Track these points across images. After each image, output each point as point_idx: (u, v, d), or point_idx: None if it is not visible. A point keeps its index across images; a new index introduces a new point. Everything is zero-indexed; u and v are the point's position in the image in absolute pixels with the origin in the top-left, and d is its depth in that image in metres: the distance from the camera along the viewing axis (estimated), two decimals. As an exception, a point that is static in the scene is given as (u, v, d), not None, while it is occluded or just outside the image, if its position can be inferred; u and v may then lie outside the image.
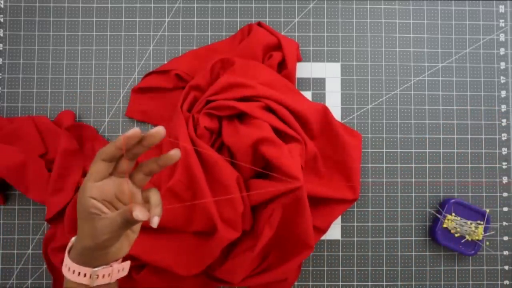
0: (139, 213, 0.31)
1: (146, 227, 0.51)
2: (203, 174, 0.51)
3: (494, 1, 0.62)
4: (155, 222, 0.33)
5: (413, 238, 0.59)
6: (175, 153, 0.35)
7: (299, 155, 0.52)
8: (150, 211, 0.34)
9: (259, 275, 0.52)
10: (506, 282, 0.59)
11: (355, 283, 0.58)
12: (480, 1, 0.62)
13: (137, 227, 0.38)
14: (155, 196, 0.35)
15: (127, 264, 0.39)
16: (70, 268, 0.36)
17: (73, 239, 0.38)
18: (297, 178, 0.48)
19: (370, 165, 0.60)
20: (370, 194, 0.59)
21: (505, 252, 0.59)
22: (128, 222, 0.32)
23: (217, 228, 0.50)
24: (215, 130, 0.54)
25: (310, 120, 0.55)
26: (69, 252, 0.37)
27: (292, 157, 0.50)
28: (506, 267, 0.59)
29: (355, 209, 0.59)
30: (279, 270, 0.52)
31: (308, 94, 0.60)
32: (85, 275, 0.35)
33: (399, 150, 0.60)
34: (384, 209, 0.59)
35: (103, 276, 0.36)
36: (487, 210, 0.57)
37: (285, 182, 0.48)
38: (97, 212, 0.34)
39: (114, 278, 0.37)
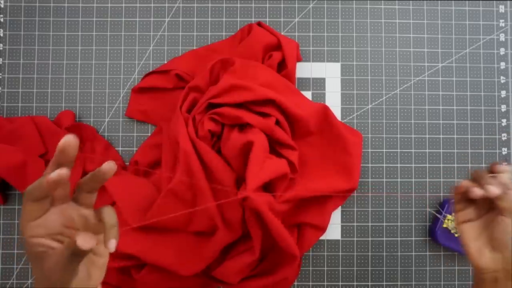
0: (82, 241, 0.27)
1: (146, 227, 0.51)
2: (204, 175, 0.51)
3: (494, 1, 0.62)
4: (111, 246, 0.30)
5: (413, 238, 0.59)
6: (108, 167, 0.31)
7: (284, 166, 0.52)
8: (104, 234, 0.30)
9: (257, 278, 0.52)
10: (506, 282, 0.59)
11: (355, 283, 0.58)
12: (480, 1, 0.62)
13: (103, 250, 0.33)
14: (108, 216, 0.31)
15: None
16: None
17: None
18: (248, 188, 0.47)
19: (370, 165, 0.60)
20: (370, 194, 0.59)
21: (505, 252, 0.59)
22: (75, 253, 0.28)
23: (218, 228, 0.50)
24: (217, 133, 0.54)
25: (309, 121, 0.55)
26: None
27: (259, 169, 0.49)
28: (506, 267, 0.59)
29: (355, 209, 0.59)
30: (276, 276, 0.51)
31: (308, 94, 0.60)
32: None
33: (399, 150, 0.60)
34: (384, 209, 0.59)
35: None
36: (487, 210, 0.57)
37: (235, 193, 0.49)
38: (44, 250, 0.30)
39: None
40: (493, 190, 0.36)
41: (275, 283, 0.53)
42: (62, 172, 0.28)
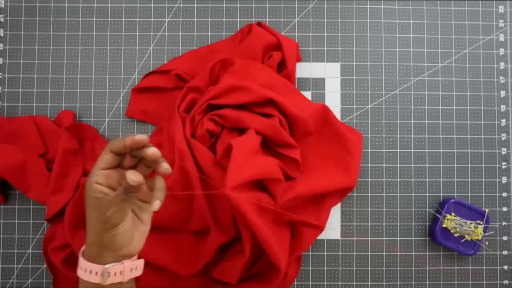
0: (131, 175, 0.33)
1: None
2: (198, 175, 0.51)
3: (494, 1, 0.62)
4: (155, 205, 0.36)
5: (413, 238, 0.59)
6: (166, 169, 0.36)
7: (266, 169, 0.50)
8: (153, 195, 0.37)
9: (255, 282, 0.52)
10: (506, 282, 0.59)
11: (354, 283, 0.59)
12: (480, 1, 0.62)
13: (147, 219, 0.39)
14: (159, 182, 0.38)
15: (140, 262, 0.39)
16: (83, 267, 0.37)
17: (83, 247, 0.39)
18: (226, 186, 0.45)
19: (369, 165, 0.60)
20: (369, 194, 0.60)
21: (505, 252, 0.59)
22: (127, 190, 0.34)
23: (210, 229, 0.50)
24: (216, 133, 0.54)
25: (308, 122, 0.55)
26: (82, 254, 0.38)
27: (240, 168, 0.47)
28: (506, 267, 0.59)
29: (354, 209, 0.59)
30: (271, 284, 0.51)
31: (308, 94, 0.60)
32: (96, 273, 0.36)
33: (398, 150, 0.60)
34: (384, 209, 0.59)
35: (115, 274, 0.36)
36: (487, 210, 0.57)
37: (217, 189, 0.48)
38: (102, 196, 0.35)
39: (126, 277, 0.37)
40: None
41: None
42: (143, 137, 0.35)
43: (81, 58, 0.60)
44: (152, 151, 0.35)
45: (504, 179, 0.60)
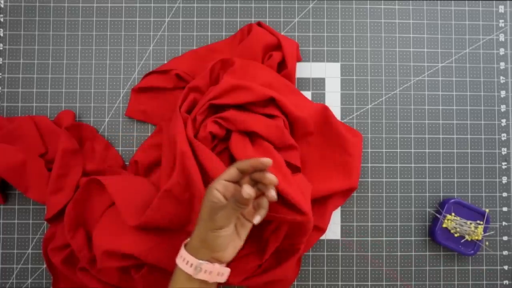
0: (247, 188, 0.39)
1: (146, 227, 0.51)
2: (200, 176, 0.50)
3: (494, 1, 0.62)
4: (257, 219, 0.42)
5: (413, 238, 0.59)
6: (273, 196, 0.41)
7: (307, 186, 0.53)
8: (257, 211, 0.42)
9: (258, 275, 0.52)
10: (506, 282, 0.59)
11: (354, 283, 0.59)
12: (480, 1, 0.62)
13: (244, 235, 0.44)
14: (264, 202, 0.43)
15: (227, 271, 0.43)
16: (182, 256, 0.42)
17: (187, 240, 0.44)
18: (305, 213, 0.48)
19: (369, 165, 0.60)
20: (369, 194, 0.60)
21: (505, 252, 0.59)
22: (238, 201, 0.39)
23: None
24: (220, 136, 0.54)
25: (308, 122, 0.55)
26: (185, 246, 0.44)
27: (300, 191, 0.50)
28: (506, 267, 0.59)
29: (354, 209, 0.59)
30: (277, 271, 0.52)
31: (308, 94, 0.60)
32: (191, 265, 0.41)
33: (398, 150, 0.60)
34: (384, 209, 0.59)
35: (205, 271, 0.41)
36: (487, 210, 0.57)
37: (294, 214, 0.48)
38: (217, 202, 0.41)
39: (213, 278, 0.42)
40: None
41: (276, 281, 0.53)
42: (268, 161, 0.41)
43: (80, 58, 0.60)
44: (271, 177, 0.41)
45: (504, 179, 0.60)
